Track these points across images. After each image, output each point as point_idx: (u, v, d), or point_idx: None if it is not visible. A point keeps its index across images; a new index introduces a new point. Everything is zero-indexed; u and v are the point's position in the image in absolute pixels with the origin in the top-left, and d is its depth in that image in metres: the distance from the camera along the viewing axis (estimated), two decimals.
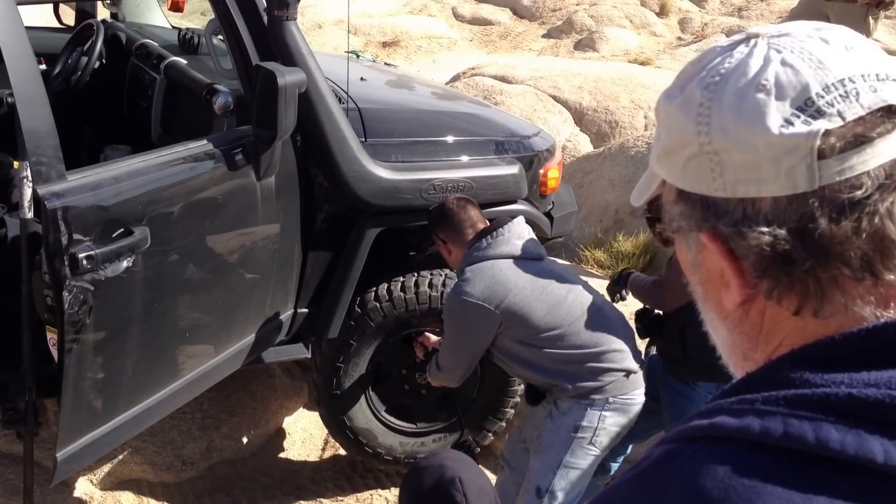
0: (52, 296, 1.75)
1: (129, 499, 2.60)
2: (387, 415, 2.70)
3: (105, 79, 3.16)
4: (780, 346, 0.52)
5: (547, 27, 9.84)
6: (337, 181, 2.32)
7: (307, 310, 2.49)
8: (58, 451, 1.84)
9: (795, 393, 0.47)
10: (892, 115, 0.49)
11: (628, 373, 2.08)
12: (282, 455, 2.91)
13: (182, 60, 2.79)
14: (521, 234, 2.16)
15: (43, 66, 3.15)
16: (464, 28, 10.03)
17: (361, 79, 2.75)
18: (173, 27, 3.49)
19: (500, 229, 2.13)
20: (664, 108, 0.55)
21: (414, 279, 2.53)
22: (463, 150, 2.59)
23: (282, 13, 2.13)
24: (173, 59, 2.80)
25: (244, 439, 2.83)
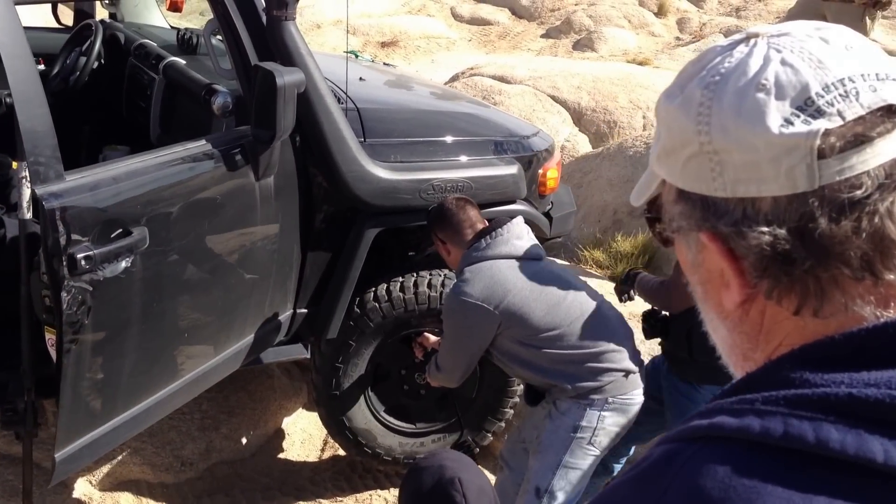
0: (51, 296, 1.74)
1: (128, 499, 2.59)
2: (386, 415, 2.69)
3: (104, 79, 3.16)
4: (780, 345, 0.52)
5: (545, 27, 9.84)
6: (336, 181, 2.32)
7: (306, 310, 2.48)
8: (56, 451, 1.84)
9: (795, 393, 0.47)
10: (891, 114, 0.49)
11: (627, 373, 2.08)
12: (281, 456, 2.91)
13: (181, 60, 2.79)
14: (519, 235, 2.16)
15: (41, 67, 3.15)
16: (462, 28, 10.03)
17: (360, 79, 2.75)
18: (172, 27, 3.49)
19: (499, 229, 2.13)
20: (664, 107, 0.55)
21: (413, 279, 2.53)
22: (462, 151, 2.59)
23: (280, 13, 2.13)
24: (172, 59, 2.80)
25: (243, 440, 2.83)
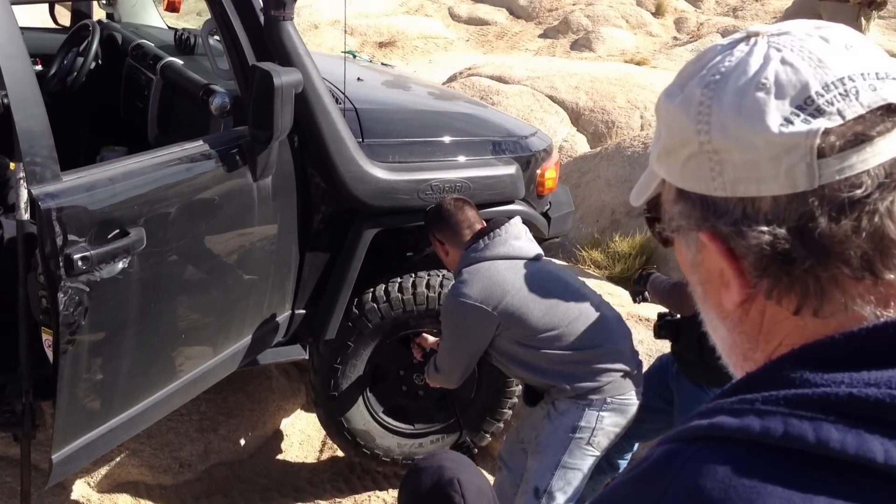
0: (48, 297, 1.74)
1: (126, 501, 2.59)
2: (385, 416, 2.69)
3: (101, 80, 3.15)
4: (780, 345, 0.52)
5: (543, 27, 9.85)
6: (334, 182, 2.32)
7: (304, 311, 2.48)
8: (53, 453, 1.83)
9: (795, 393, 0.47)
10: (891, 113, 0.49)
11: (626, 373, 2.08)
12: (279, 457, 2.91)
13: (178, 61, 2.79)
14: (517, 235, 2.16)
15: (39, 67, 3.14)
16: (460, 28, 10.03)
17: (358, 79, 2.74)
18: (169, 28, 3.48)
19: (497, 230, 2.13)
20: (664, 106, 0.54)
21: (411, 280, 2.52)
22: (460, 151, 2.58)
23: (278, 13, 2.12)
24: (169, 59, 2.79)
25: (242, 441, 2.83)
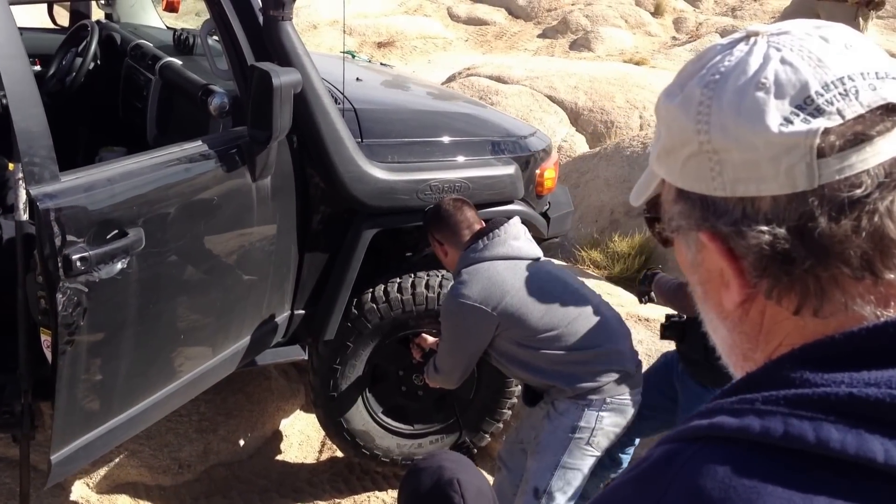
0: (46, 297, 1.74)
1: (125, 502, 2.59)
2: (384, 416, 2.69)
3: (100, 80, 3.15)
4: (781, 345, 0.52)
5: (542, 27, 9.86)
6: (333, 182, 2.32)
7: (304, 311, 2.48)
8: (52, 453, 1.83)
9: (795, 392, 0.47)
10: (891, 113, 0.49)
11: (625, 373, 2.08)
12: (279, 457, 2.90)
13: (177, 61, 2.78)
14: (516, 235, 2.16)
15: (37, 68, 3.14)
16: (459, 28, 10.03)
17: (357, 79, 2.74)
18: (168, 28, 3.48)
19: (497, 230, 2.13)
20: (664, 106, 0.54)
21: (411, 280, 2.52)
22: (459, 151, 2.58)
23: (277, 13, 2.12)
24: (168, 59, 2.79)
25: (241, 442, 2.82)
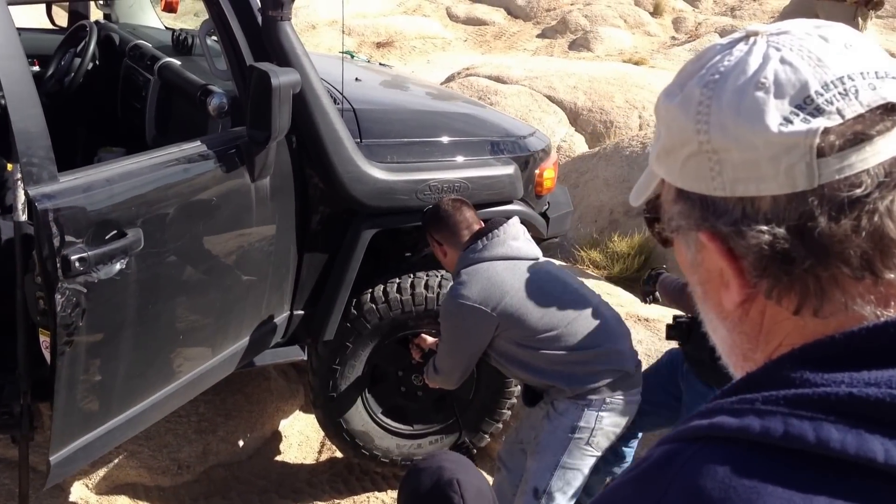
0: (45, 298, 1.73)
1: (124, 503, 2.58)
2: (383, 417, 2.69)
3: (99, 80, 3.15)
4: (781, 345, 0.52)
5: (541, 27, 9.86)
6: (332, 182, 2.31)
7: (303, 312, 2.48)
8: (51, 454, 1.83)
9: (796, 392, 0.46)
10: (891, 112, 0.49)
11: (625, 373, 2.08)
12: (278, 458, 2.90)
13: (176, 61, 2.78)
14: (516, 236, 2.16)
15: (36, 68, 3.14)
16: (458, 28, 10.03)
17: (356, 79, 2.74)
18: (167, 28, 3.48)
19: (496, 231, 2.13)
20: (664, 106, 0.54)
21: (410, 280, 2.52)
22: (458, 151, 2.58)
23: (276, 13, 2.12)
24: (167, 60, 2.79)
25: (240, 442, 2.82)
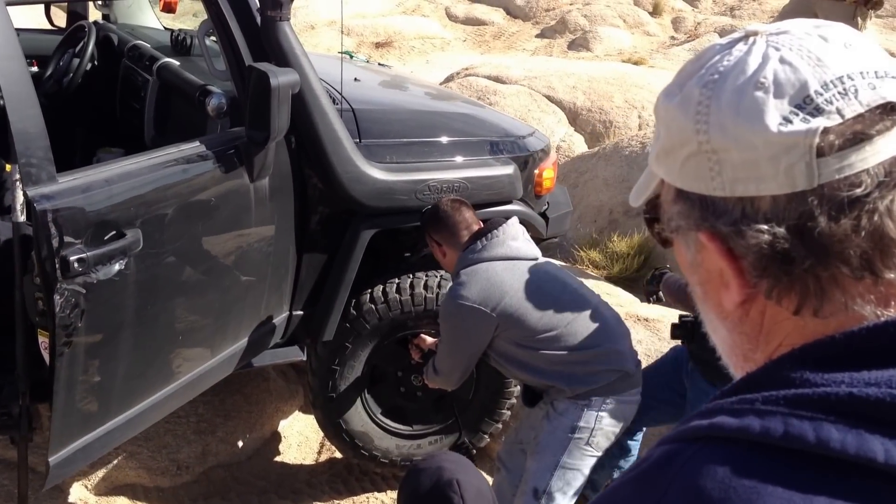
0: (44, 299, 1.73)
1: None
2: (383, 417, 2.69)
3: (97, 81, 3.14)
4: (781, 346, 0.52)
5: (540, 27, 9.86)
6: (331, 182, 2.31)
7: (302, 312, 2.48)
8: (50, 455, 1.82)
9: (796, 392, 0.46)
10: (891, 112, 0.49)
11: (625, 373, 2.08)
12: (277, 459, 2.90)
13: (175, 62, 2.78)
14: (515, 236, 2.16)
15: (34, 69, 3.13)
16: (457, 28, 10.03)
17: (355, 79, 2.74)
18: (165, 28, 3.47)
19: (495, 231, 2.12)
20: (663, 106, 0.54)
21: (409, 281, 2.52)
22: (458, 151, 2.58)
23: (275, 14, 2.12)
24: (166, 60, 2.78)
25: (239, 443, 2.82)
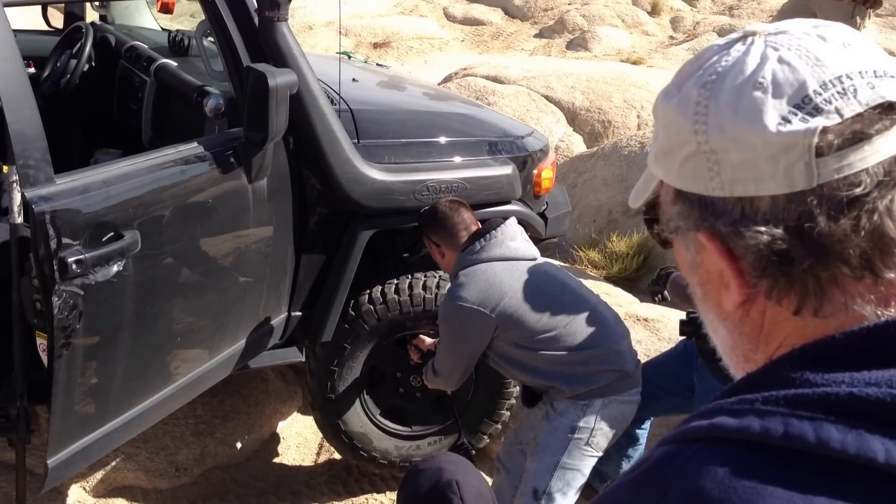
0: (42, 301, 1.73)
1: None
2: (382, 418, 2.68)
3: (95, 82, 3.14)
4: (781, 346, 0.52)
5: (539, 27, 9.86)
6: (329, 183, 2.31)
7: (301, 313, 2.47)
8: (48, 457, 1.82)
9: (796, 393, 0.46)
10: (890, 111, 0.49)
11: (624, 373, 2.08)
12: (276, 460, 2.90)
13: (172, 63, 2.77)
14: (513, 236, 2.16)
15: (32, 70, 3.13)
16: (455, 28, 10.03)
17: (353, 80, 2.74)
18: (163, 29, 3.47)
19: (494, 231, 2.12)
20: (662, 107, 0.54)
21: (408, 281, 2.52)
22: (456, 151, 2.58)
23: (273, 14, 2.12)
24: (163, 61, 2.78)
25: (238, 444, 2.82)
